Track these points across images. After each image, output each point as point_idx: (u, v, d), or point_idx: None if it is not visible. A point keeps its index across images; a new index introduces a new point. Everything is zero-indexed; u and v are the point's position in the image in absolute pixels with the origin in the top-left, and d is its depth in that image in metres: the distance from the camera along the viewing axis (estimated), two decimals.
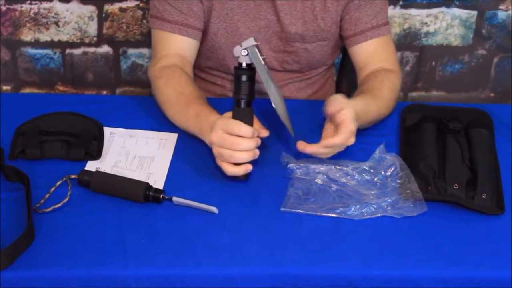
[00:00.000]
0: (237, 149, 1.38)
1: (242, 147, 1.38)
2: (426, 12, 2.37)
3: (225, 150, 1.38)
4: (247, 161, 1.40)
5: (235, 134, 1.37)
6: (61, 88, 2.43)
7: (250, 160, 1.40)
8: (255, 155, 1.40)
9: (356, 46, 1.70)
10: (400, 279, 1.29)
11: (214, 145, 1.40)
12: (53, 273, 1.25)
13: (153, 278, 1.26)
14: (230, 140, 1.37)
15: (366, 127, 1.58)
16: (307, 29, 1.69)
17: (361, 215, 1.38)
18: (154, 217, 1.36)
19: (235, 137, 1.37)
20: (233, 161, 1.39)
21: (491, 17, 2.39)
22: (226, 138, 1.38)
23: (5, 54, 2.33)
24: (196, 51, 1.70)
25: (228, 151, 1.38)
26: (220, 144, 1.39)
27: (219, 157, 1.40)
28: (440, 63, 2.48)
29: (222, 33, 1.69)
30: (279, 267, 1.28)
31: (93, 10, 2.28)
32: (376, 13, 1.68)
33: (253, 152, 1.40)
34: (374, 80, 1.64)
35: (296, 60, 1.76)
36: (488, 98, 2.56)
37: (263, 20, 1.68)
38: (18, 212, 1.33)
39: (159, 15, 1.66)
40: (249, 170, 1.41)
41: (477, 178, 1.45)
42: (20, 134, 1.52)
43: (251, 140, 1.38)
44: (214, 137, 1.39)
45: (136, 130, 1.58)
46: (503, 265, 1.30)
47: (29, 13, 2.27)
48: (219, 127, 1.39)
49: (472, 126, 1.57)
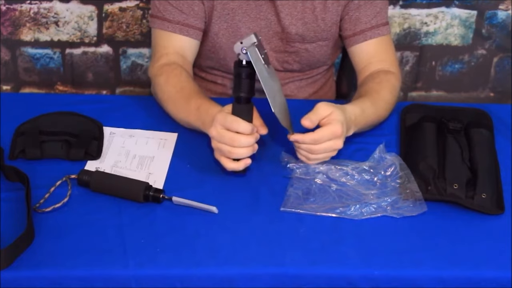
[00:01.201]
0: (236, 145, 1.38)
1: (240, 143, 1.38)
2: (426, 12, 2.37)
3: (224, 146, 1.39)
4: (246, 156, 1.40)
5: (233, 131, 1.38)
6: (61, 88, 2.43)
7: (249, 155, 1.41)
8: (254, 150, 1.41)
9: (356, 46, 1.70)
10: (400, 279, 1.29)
11: (213, 140, 1.41)
12: (53, 273, 1.25)
13: (153, 278, 1.26)
14: (228, 136, 1.38)
15: (367, 130, 1.58)
16: (307, 29, 1.69)
17: (361, 215, 1.38)
18: (154, 217, 1.36)
19: (234, 134, 1.38)
20: (232, 157, 1.40)
21: (491, 17, 2.39)
22: (225, 134, 1.38)
23: (5, 54, 2.33)
24: (196, 50, 1.70)
25: (227, 146, 1.39)
26: (219, 139, 1.39)
27: (218, 151, 1.41)
28: (440, 63, 2.48)
29: (223, 33, 1.69)
30: (279, 267, 1.28)
31: (93, 10, 2.28)
32: (376, 13, 1.68)
33: (252, 148, 1.40)
34: (373, 82, 1.64)
35: (297, 60, 1.76)
36: (488, 98, 2.56)
37: (264, 21, 1.68)
38: (18, 212, 1.33)
39: (159, 15, 1.66)
40: (248, 164, 1.41)
41: (477, 178, 1.45)
42: (20, 134, 1.52)
43: (249, 136, 1.39)
44: (213, 132, 1.40)
45: (136, 130, 1.58)
46: (503, 265, 1.30)
47: (29, 13, 2.27)
48: (218, 122, 1.39)
49: (472, 126, 1.57)
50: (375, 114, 1.57)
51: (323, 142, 1.42)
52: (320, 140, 1.42)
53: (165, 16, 1.65)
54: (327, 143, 1.42)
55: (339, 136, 1.42)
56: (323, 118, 1.43)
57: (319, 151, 1.44)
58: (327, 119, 1.42)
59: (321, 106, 1.44)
